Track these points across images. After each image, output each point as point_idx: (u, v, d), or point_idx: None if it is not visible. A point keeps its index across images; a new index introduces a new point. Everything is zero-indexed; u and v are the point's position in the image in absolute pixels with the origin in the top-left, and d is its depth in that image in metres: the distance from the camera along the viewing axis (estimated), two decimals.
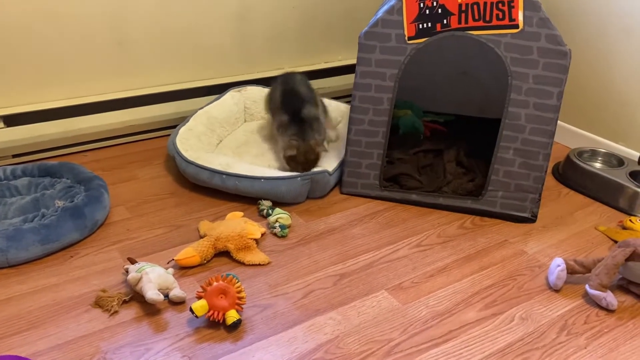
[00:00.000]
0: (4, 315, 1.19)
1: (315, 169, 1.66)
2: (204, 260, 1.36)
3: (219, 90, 2.03)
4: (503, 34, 1.44)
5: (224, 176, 1.59)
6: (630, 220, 1.60)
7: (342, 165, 1.70)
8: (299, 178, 1.59)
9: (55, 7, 1.71)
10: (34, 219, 1.41)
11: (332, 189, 1.72)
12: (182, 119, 1.89)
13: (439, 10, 1.45)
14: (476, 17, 1.43)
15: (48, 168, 1.62)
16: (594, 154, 1.90)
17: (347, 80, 2.29)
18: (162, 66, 1.95)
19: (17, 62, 1.72)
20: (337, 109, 2.03)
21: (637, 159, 1.81)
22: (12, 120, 1.72)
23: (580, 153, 1.88)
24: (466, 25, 1.45)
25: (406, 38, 1.48)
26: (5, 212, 1.46)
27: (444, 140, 1.95)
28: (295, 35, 2.20)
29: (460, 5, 1.43)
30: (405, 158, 1.83)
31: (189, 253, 1.34)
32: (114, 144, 1.92)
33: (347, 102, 2.07)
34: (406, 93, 1.96)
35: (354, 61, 2.14)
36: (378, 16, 1.49)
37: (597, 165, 1.86)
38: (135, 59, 1.90)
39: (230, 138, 1.92)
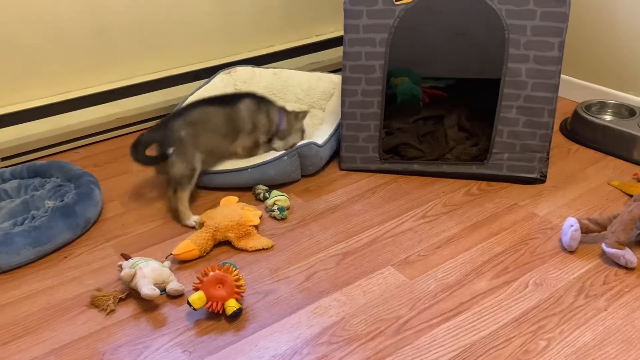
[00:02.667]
0: None
1: (301, 142, 1.59)
2: (204, 252, 1.32)
3: (207, 73, 1.96)
4: None
5: (211, 175, 1.53)
6: None
7: (335, 138, 1.64)
8: (285, 157, 1.53)
9: (31, 4, 1.64)
10: (23, 222, 1.37)
11: (327, 164, 1.66)
12: (171, 108, 1.83)
13: None
14: None
15: (37, 168, 1.57)
16: (602, 106, 1.81)
17: (340, 52, 2.20)
18: (146, 54, 1.89)
19: None
20: (329, 81, 1.96)
21: None
22: None
23: (588, 106, 1.79)
24: None
25: None
26: None
27: (444, 105, 1.87)
28: (282, 9, 2.11)
29: None
30: (404, 127, 1.76)
31: (188, 246, 1.29)
32: (105, 138, 1.87)
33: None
34: (402, 60, 1.87)
35: None
36: None
37: (607, 117, 1.78)
38: (118, 49, 1.84)
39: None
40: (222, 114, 1.53)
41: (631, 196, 1.45)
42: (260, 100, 1.61)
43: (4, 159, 1.70)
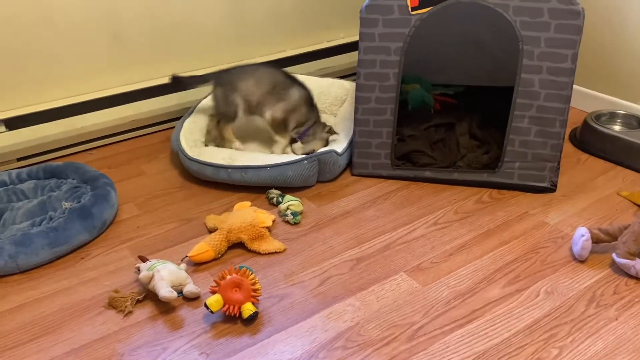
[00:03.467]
0: (17, 322, 1.17)
1: (322, 149, 1.61)
2: (218, 254, 1.33)
3: None
4: None
5: (229, 170, 1.55)
6: None
7: (351, 146, 1.66)
8: (305, 161, 1.55)
9: (47, 6, 1.66)
10: (41, 223, 1.39)
11: (342, 171, 1.68)
12: (185, 110, 1.85)
13: None
14: None
15: (53, 169, 1.59)
16: (612, 116, 1.83)
17: (351, 58, 2.22)
18: (160, 57, 1.91)
19: (15, 65, 1.68)
20: (341, 87, 1.98)
21: None
22: (14, 123, 1.69)
23: (598, 116, 1.80)
24: None
25: (409, 9, 1.42)
26: (13, 217, 1.43)
27: (455, 113, 1.89)
28: (294, 16, 2.13)
29: None
30: (416, 134, 1.78)
31: (203, 248, 1.31)
32: (118, 140, 1.89)
33: (353, 80, 2.02)
34: (413, 67, 1.89)
35: (357, 38, 2.07)
36: None
37: (617, 127, 1.79)
38: (133, 52, 1.86)
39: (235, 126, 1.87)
40: (276, 77, 1.70)
41: (636, 204, 1.47)
42: (311, 100, 1.72)
43: (19, 159, 1.72)
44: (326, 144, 1.69)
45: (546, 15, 1.37)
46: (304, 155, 1.58)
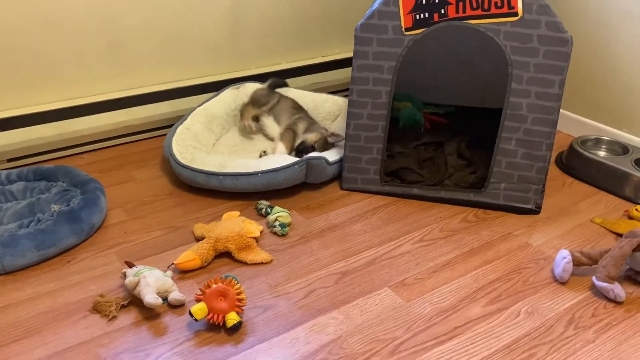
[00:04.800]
0: (1, 323, 1.17)
1: (313, 154, 1.64)
2: (205, 262, 1.34)
3: (214, 87, 2.00)
4: (502, 23, 1.40)
5: (220, 177, 1.56)
6: (636, 209, 1.57)
7: (341, 160, 1.68)
8: (295, 165, 1.57)
9: (46, 9, 1.68)
10: (29, 224, 1.39)
11: (330, 183, 1.70)
12: (178, 118, 1.86)
13: (436, 0, 1.41)
14: (474, 5, 1.40)
15: (43, 172, 1.60)
16: (597, 142, 1.87)
17: (345, 74, 2.25)
18: (156, 65, 1.93)
19: (9, 66, 1.69)
20: (334, 103, 2.01)
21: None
22: (6, 124, 1.69)
23: (583, 141, 1.84)
24: (464, 15, 1.41)
25: (403, 29, 1.45)
26: (0, 218, 1.43)
27: (444, 132, 1.92)
28: (290, 29, 2.16)
29: None
30: (405, 152, 1.80)
31: (189, 256, 1.32)
32: (110, 145, 1.90)
33: (346, 96, 2.05)
34: (405, 85, 1.93)
35: (351, 54, 2.10)
36: (374, 8, 1.45)
37: (601, 153, 1.83)
38: (129, 58, 1.87)
39: (227, 136, 1.90)
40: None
41: (615, 233, 1.50)
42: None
43: (10, 160, 1.72)
44: (326, 143, 1.75)
45: (535, 42, 1.40)
46: (296, 159, 1.60)
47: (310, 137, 1.75)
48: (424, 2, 1.42)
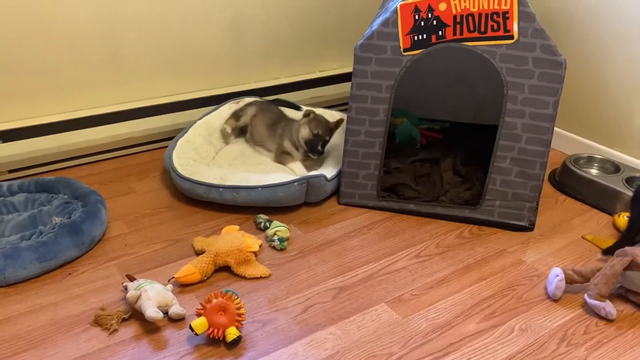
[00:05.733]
0: (2, 335, 1.18)
1: (312, 173, 1.66)
2: (205, 276, 1.36)
3: (214, 101, 2.02)
4: (498, 45, 1.44)
5: (221, 189, 1.59)
6: (618, 216, 1.61)
7: (339, 175, 1.70)
8: (295, 183, 1.59)
9: (48, 22, 1.70)
10: (31, 237, 1.40)
11: (328, 197, 1.72)
12: (178, 131, 1.88)
13: (434, 22, 1.45)
14: (471, 28, 1.44)
15: (45, 183, 1.61)
16: (590, 160, 1.91)
17: (342, 89, 2.29)
18: (157, 78, 1.95)
19: (12, 78, 1.71)
20: (331, 118, 2.03)
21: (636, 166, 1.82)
22: (9, 135, 1.71)
23: (576, 159, 1.88)
24: (461, 37, 1.45)
25: (402, 50, 1.49)
26: (2, 230, 1.45)
27: (440, 148, 1.95)
28: (289, 45, 2.20)
29: (455, 16, 1.44)
30: (402, 167, 1.83)
31: (189, 270, 1.34)
32: (110, 157, 1.92)
33: (342, 111, 2.08)
34: (402, 101, 1.96)
35: (348, 69, 2.13)
36: (373, 28, 1.49)
37: (594, 171, 1.87)
38: (131, 72, 1.90)
39: (227, 149, 1.92)
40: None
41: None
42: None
43: (11, 171, 1.74)
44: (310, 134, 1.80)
45: (530, 64, 1.44)
46: (296, 177, 1.62)
47: (303, 134, 1.80)
48: (422, 24, 1.45)
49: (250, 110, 1.94)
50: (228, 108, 1.97)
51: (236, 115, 1.95)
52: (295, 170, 1.78)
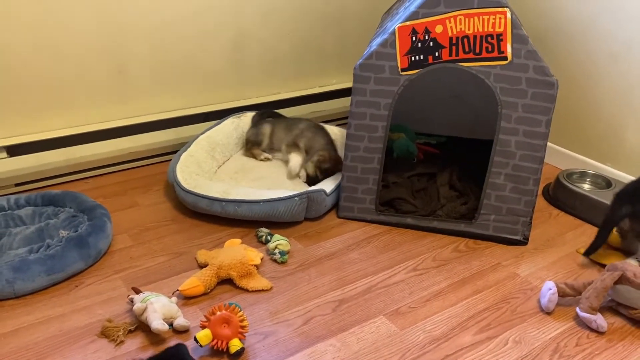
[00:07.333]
0: (12, 346, 1.22)
1: (312, 187, 1.71)
2: (208, 289, 1.40)
3: (216, 116, 2.07)
4: (492, 66, 1.49)
5: (223, 203, 1.63)
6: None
7: (339, 189, 1.75)
8: (296, 197, 1.63)
9: (54, 37, 1.75)
10: (39, 250, 1.44)
11: (328, 212, 1.77)
12: (181, 145, 1.93)
13: (431, 44, 1.50)
14: (466, 49, 1.49)
15: (52, 197, 1.65)
16: (582, 175, 1.96)
17: (341, 103, 2.34)
18: (161, 94, 2.00)
19: (19, 93, 1.76)
20: (330, 132, 2.08)
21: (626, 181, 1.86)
22: (15, 150, 1.75)
23: (569, 174, 1.93)
24: (457, 58, 1.50)
25: (399, 70, 1.54)
26: (10, 243, 1.49)
27: (436, 163, 2.00)
28: (289, 61, 2.25)
29: (451, 38, 1.49)
30: (400, 182, 1.88)
31: (193, 283, 1.38)
32: (114, 170, 1.96)
33: (341, 125, 2.13)
34: (399, 116, 2.01)
35: (347, 85, 2.19)
36: (372, 49, 1.54)
37: (586, 186, 1.92)
38: (136, 87, 1.94)
39: (228, 164, 1.96)
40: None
41: (597, 264, 1.58)
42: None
43: (17, 184, 1.78)
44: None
45: (524, 84, 1.49)
46: (296, 192, 1.67)
47: (309, 169, 1.85)
48: (419, 45, 1.50)
49: (265, 129, 2.01)
50: (230, 123, 2.01)
51: (256, 142, 2.01)
52: (292, 161, 1.88)
